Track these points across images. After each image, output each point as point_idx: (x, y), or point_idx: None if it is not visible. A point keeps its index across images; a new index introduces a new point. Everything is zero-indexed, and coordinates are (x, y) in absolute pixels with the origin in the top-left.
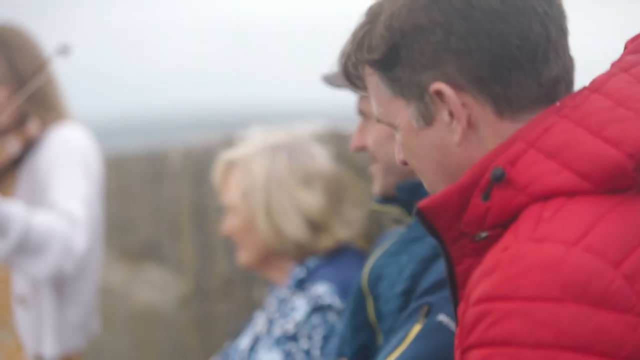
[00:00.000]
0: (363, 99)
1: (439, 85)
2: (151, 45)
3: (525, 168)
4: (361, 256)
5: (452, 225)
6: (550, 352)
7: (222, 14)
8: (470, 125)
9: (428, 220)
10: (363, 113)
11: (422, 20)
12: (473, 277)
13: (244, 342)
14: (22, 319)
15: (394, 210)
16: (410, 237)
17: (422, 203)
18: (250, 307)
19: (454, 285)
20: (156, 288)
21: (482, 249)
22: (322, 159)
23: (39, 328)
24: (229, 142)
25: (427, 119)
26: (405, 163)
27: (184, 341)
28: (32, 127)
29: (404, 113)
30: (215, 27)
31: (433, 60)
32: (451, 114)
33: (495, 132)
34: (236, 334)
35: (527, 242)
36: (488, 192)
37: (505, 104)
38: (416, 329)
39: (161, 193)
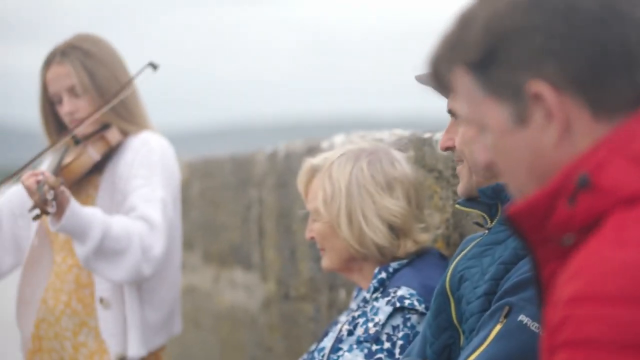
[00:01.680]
0: (453, 99)
1: (539, 86)
2: (238, 55)
3: (611, 173)
4: (441, 260)
5: (539, 229)
6: (636, 354)
7: (307, 26)
8: (567, 127)
9: (516, 225)
10: (453, 113)
11: (522, 22)
12: (559, 280)
13: (327, 343)
14: (105, 320)
15: (475, 213)
16: (492, 240)
17: (511, 210)
18: (334, 309)
19: (540, 288)
20: (241, 290)
21: (567, 252)
22: (402, 164)
23: (123, 330)
24: (312, 149)
25: (522, 120)
26: (489, 165)
27: (268, 342)
28: (113, 135)
29: (497, 113)
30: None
31: (532, 62)
32: (548, 115)
33: (590, 134)
34: (320, 335)
35: (612, 246)
36: (574, 197)
37: (601, 107)
38: (497, 329)
39: (247, 198)
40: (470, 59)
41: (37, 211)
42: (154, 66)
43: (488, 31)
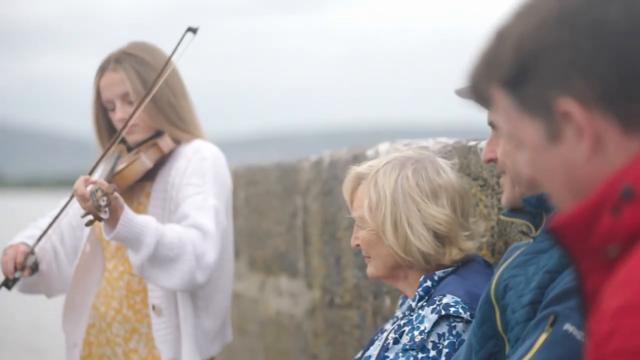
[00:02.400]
0: (494, 112)
1: (567, 104)
2: (284, 63)
3: None
4: (486, 267)
5: (583, 240)
6: None
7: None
8: (598, 142)
9: (559, 237)
10: (493, 125)
11: (550, 39)
12: (605, 291)
13: (373, 352)
14: (158, 327)
15: (520, 222)
16: (537, 248)
17: (554, 221)
18: (379, 317)
19: (584, 298)
20: (286, 297)
21: (611, 264)
22: (447, 172)
23: (175, 337)
24: (357, 157)
25: (555, 136)
26: (532, 179)
27: (313, 349)
28: (165, 143)
29: (531, 130)
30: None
31: (561, 79)
32: (579, 132)
33: (622, 148)
34: (366, 343)
35: None
36: (618, 208)
37: (632, 120)
38: (542, 337)
39: (292, 205)
40: (504, 76)
41: (90, 217)
42: (193, 30)
43: (519, 49)
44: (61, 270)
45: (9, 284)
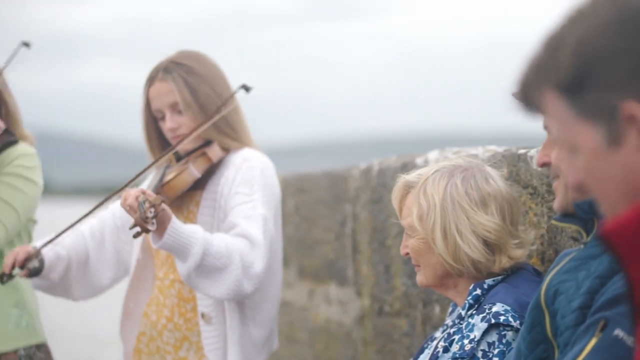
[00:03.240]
0: (544, 116)
1: (632, 107)
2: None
3: None
4: (536, 276)
5: (634, 247)
6: None
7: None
8: None
9: (610, 243)
10: (548, 129)
11: (611, 44)
12: None
13: (423, 359)
14: (207, 336)
15: (572, 228)
16: (587, 254)
17: (605, 228)
18: (428, 325)
19: (634, 305)
20: (336, 305)
21: None
22: (496, 180)
23: (225, 346)
24: (406, 165)
25: (616, 141)
26: (579, 186)
27: (362, 357)
28: (214, 152)
29: (589, 135)
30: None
31: (624, 83)
32: None
33: None
34: (415, 352)
35: None
36: None
37: None
38: (592, 343)
39: (341, 213)
40: (561, 82)
41: (137, 229)
42: (246, 88)
43: (577, 54)
44: (88, 275)
45: (3, 278)
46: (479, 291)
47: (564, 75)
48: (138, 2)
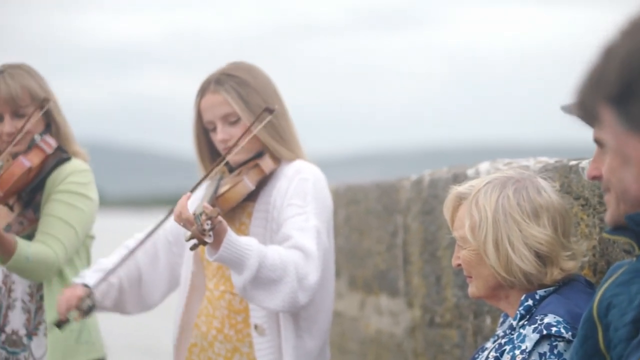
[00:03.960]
0: (599, 128)
1: None
2: (382, 81)
3: None
4: (588, 287)
5: None
6: None
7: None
8: None
9: None
10: (598, 142)
11: None
12: None
13: None
14: (260, 347)
15: (624, 240)
16: (639, 267)
17: None
18: (479, 336)
19: None
20: (387, 316)
21: None
22: (548, 192)
23: (277, 357)
24: (457, 176)
25: None
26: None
27: None
28: (266, 163)
29: (638, 146)
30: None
31: None
32: None
33: None
34: None
35: None
36: None
37: None
38: None
39: (392, 224)
40: (610, 93)
41: (194, 241)
42: (270, 110)
43: (625, 67)
44: (142, 292)
45: (60, 324)
46: (530, 302)
47: (612, 87)
48: (187, 14)
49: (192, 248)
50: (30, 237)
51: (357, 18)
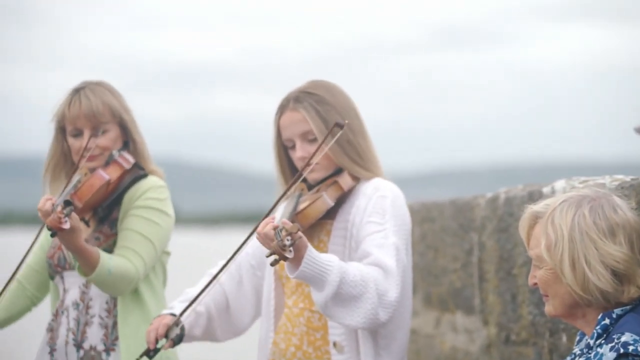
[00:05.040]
0: None
1: None
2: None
3: None
4: None
5: None
6: None
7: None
8: None
9: None
10: None
11: None
12: None
13: None
14: None
15: None
16: None
17: None
18: (555, 354)
19: None
20: (462, 334)
21: None
22: (624, 210)
23: None
24: (533, 194)
25: None
26: None
27: None
28: (345, 181)
29: None
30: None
31: None
32: None
33: None
34: None
35: None
36: None
37: None
38: None
39: (467, 242)
40: None
41: (274, 257)
42: (340, 126)
43: None
44: (231, 319)
45: (149, 354)
46: (607, 321)
47: None
48: (261, 32)
49: (273, 263)
50: (106, 252)
51: (429, 36)
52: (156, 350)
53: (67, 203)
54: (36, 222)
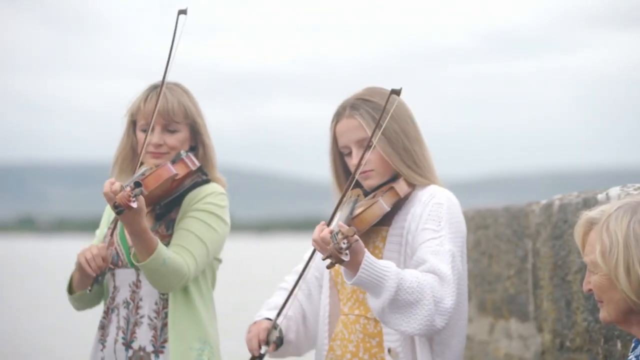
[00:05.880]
0: None
1: None
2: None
3: None
4: None
5: None
6: None
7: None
8: None
9: None
10: None
11: None
12: None
13: None
14: None
15: None
16: None
17: None
18: None
19: None
20: (516, 340)
21: None
22: None
23: None
24: (587, 201)
25: None
26: None
27: None
28: (401, 187)
29: None
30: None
31: None
32: None
33: None
34: None
35: None
36: None
37: None
38: None
39: (522, 249)
40: None
41: (331, 260)
42: (396, 92)
43: None
44: (309, 330)
45: None
46: None
47: None
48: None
49: (329, 266)
50: None
51: (488, 44)
52: (261, 357)
53: (137, 184)
54: (90, 228)
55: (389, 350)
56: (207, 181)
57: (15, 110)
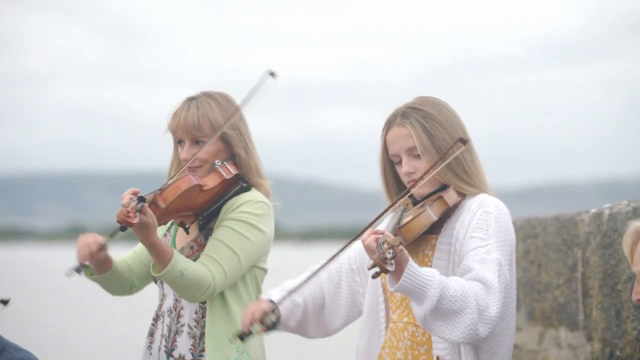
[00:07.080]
0: None
1: None
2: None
3: None
4: None
5: None
6: None
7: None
8: None
9: None
10: None
11: None
12: None
13: None
14: None
15: None
16: None
17: None
18: None
19: None
20: (566, 350)
21: None
22: None
23: None
24: (637, 211)
25: None
26: None
27: None
28: (450, 196)
29: None
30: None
31: None
32: None
33: None
34: None
35: None
36: None
37: None
38: None
39: (571, 258)
40: None
41: (376, 269)
42: (463, 141)
43: None
44: (324, 318)
45: (243, 336)
46: None
47: None
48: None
49: (374, 276)
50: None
51: (535, 51)
52: (250, 334)
53: (140, 199)
54: (136, 237)
55: (438, 358)
56: (247, 188)
57: (66, 118)
